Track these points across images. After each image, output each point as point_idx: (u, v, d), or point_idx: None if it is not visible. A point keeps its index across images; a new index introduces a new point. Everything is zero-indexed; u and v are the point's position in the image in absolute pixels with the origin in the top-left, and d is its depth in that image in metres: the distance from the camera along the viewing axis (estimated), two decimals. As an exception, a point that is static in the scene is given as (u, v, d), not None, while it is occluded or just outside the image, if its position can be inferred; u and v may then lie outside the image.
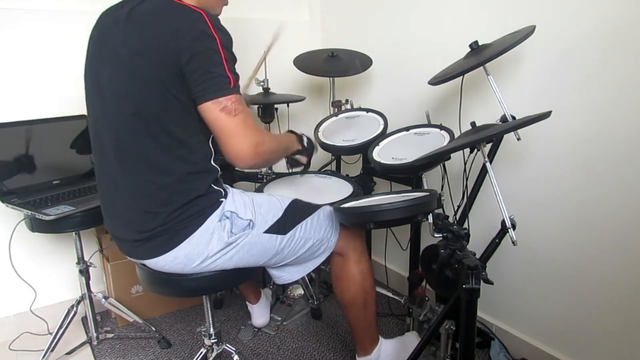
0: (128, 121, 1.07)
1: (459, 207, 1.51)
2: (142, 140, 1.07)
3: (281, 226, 1.24)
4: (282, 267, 1.32)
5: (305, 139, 1.44)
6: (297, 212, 1.28)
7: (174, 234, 1.12)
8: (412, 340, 1.52)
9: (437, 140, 1.47)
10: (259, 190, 1.63)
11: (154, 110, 1.05)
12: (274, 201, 1.28)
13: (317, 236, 1.29)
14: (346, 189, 1.60)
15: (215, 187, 1.18)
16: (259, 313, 1.86)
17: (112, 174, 1.14)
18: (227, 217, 1.17)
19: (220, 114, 1.03)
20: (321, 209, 1.32)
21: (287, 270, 1.33)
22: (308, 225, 1.27)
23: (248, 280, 1.32)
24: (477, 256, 1.23)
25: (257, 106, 2.00)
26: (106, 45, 1.10)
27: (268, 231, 1.22)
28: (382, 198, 1.36)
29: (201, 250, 1.14)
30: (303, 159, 1.47)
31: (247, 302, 1.86)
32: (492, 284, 1.13)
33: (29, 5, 1.74)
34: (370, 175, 1.85)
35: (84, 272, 1.72)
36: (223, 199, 1.19)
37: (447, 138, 1.45)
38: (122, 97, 1.07)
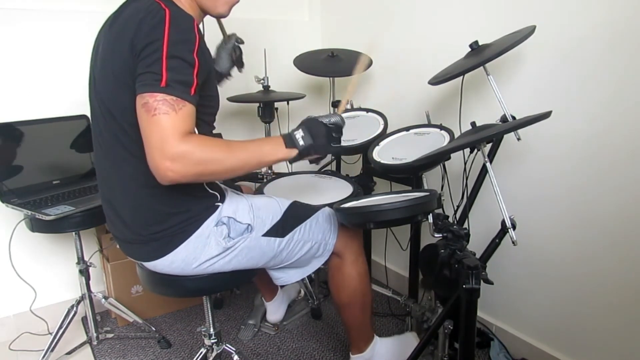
0: (108, 120, 1.06)
1: (458, 207, 1.51)
2: (121, 139, 1.05)
3: (279, 229, 1.23)
4: (282, 269, 1.32)
5: (299, 137, 1.09)
6: (296, 215, 1.28)
7: (169, 239, 1.12)
8: (409, 340, 1.52)
9: (437, 140, 1.47)
10: (259, 189, 1.63)
11: (125, 110, 1.01)
12: (272, 203, 1.28)
13: (315, 239, 1.28)
14: (346, 189, 1.60)
15: (210, 190, 1.17)
16: (273, 310, 1.86)
17: (105, 171, 1.14)
18: (224, 223, 1.16)
19: (140, 111, 0.93)
20: (320, 211, 1.32)
21: (287, 272, 1.33)
22: (307, 227, 1.27)
23: (249, 281, 1.32)
24: (477, 256, 1.23)
25: (257, 105, 2.00)
26: (98, 47, 1.10)
27: (266, 234, 1.21)
28: (382, 198, 1.36)
29: (198, 255, 1.14)
30: (312, 158, 1.16)
31: (262, 298, 1.87)
32: (492, 284, 1.13)
33: (29, 5, 1.74)
34: (370, 175, 1.85)
35: (84, 272, 1.72)
36: (219, 203, 1.18)
37: (447, 138, 1.45)
38: (101, 96, 1.06)
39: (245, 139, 1.08)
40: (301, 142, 1.09)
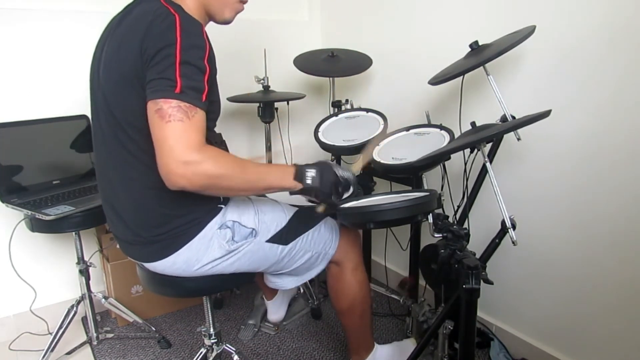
0: (110, 121, 1.05)
1: (459, 207, 1.51)
2: (122, 140, 1.05)
3: (283, 236, 1.23)
4: (279, 275, 1.33)
5: (309, 176, 1.11)
6: (300, 223, 1.28)
7: (171, 241, 1.11)
8: (409, 347, 1.52)
9: (437, 140, 1.47)
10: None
11: (127, 111, 1.02)
12: (278, 209, 1.28)
13: (316, 249, 1.29)
14: (346, 188, 1.60)
15: None
16: (274, 309, 1.87)
17: (107, 173, 1.13)
18: (229, 227, 1.16)
19: (154, 116, 0.92)
20: (323, 221, 1.32)
21: (282, 278, 1.34)
22: (309, 237, 1.27)
23: (249, 282, 1.32)
24: (477, 256, 1.23)
25: (257, 105, 2.00)
26: (103, 48, 1.10)
27: (270, 240, 1.21)
28: (382, 198, 1.36)
29: (200, 257, 1.14)
30: (314, 200, 1.16)
31: (263, 297, 1.88)
32: (492, 284, 1.13)
33: (29, 5, 1.74)
34: (370, 175, 1.85)
35: (84, 272, 1.72)
36: (222, 205, 1.18)
37: (447, 138, 1.45)
38: (105, 97, 1.06)
39: (258, 161, 1.07)
40: (309, 182, 1.11)
